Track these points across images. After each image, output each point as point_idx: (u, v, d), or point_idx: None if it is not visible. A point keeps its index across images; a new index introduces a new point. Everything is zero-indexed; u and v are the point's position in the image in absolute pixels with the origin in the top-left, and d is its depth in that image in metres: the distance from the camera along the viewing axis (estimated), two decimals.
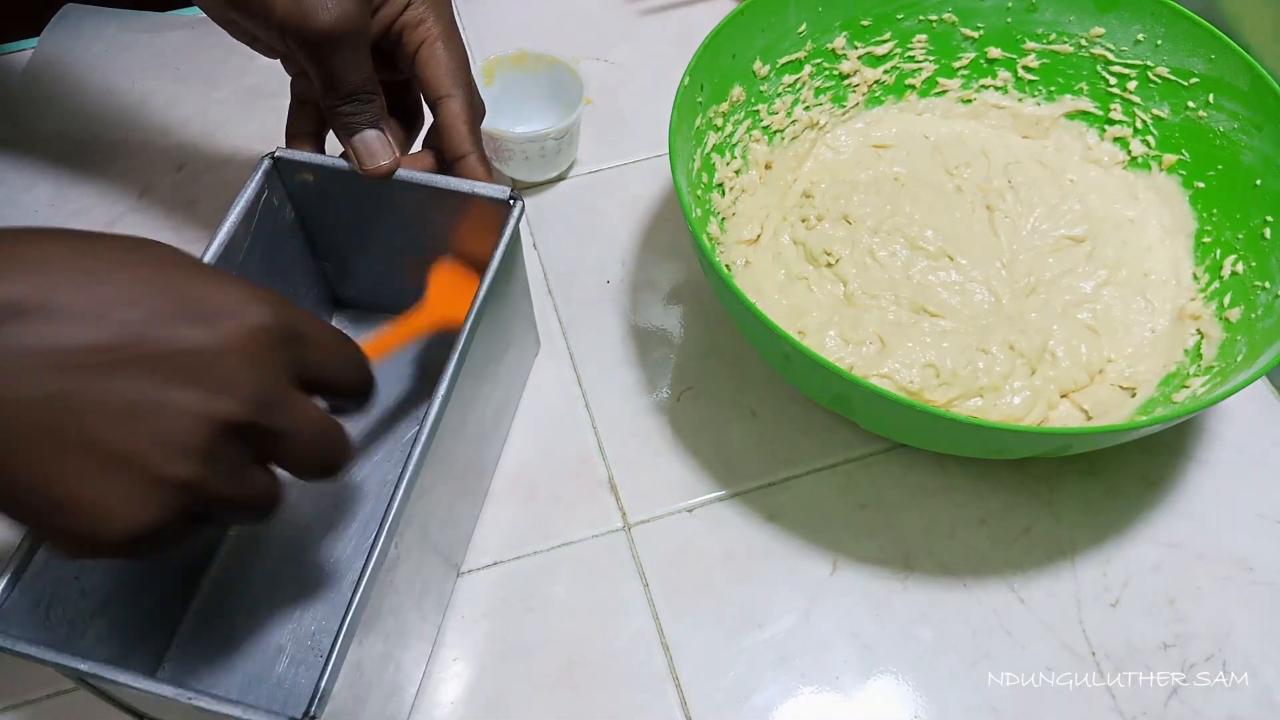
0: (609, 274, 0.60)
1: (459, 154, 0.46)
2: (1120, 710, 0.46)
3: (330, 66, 0.42)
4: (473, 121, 0.46)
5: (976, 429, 0.43)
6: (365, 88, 0.44)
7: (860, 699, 0.46)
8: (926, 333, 0.52)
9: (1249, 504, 0.52)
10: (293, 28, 0.41)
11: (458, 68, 0.45)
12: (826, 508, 0.51)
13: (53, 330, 0.28)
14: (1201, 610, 0.48)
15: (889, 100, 0.62)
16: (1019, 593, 0.49)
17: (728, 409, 0.54)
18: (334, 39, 0.41)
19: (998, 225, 0.57)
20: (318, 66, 0.42)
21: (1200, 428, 0.54)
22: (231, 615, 0.47)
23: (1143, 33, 0.56)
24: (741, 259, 0.56)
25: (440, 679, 0.46)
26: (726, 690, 0.46)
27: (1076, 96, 0.60)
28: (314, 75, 0.43)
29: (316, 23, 0.40)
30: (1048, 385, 0.51)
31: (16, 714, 0.46)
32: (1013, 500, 0.51)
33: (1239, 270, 0.52)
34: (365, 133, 0.44)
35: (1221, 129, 0.54)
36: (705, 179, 0.54)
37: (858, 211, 0.57)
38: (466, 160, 0.46)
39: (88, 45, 0.69)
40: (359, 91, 0.43)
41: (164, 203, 0.62)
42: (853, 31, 0.59)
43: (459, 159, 0.46)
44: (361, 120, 0.44)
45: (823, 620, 0.48)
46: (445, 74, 0.45)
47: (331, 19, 0.41)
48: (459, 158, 0.46)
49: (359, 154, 0.45)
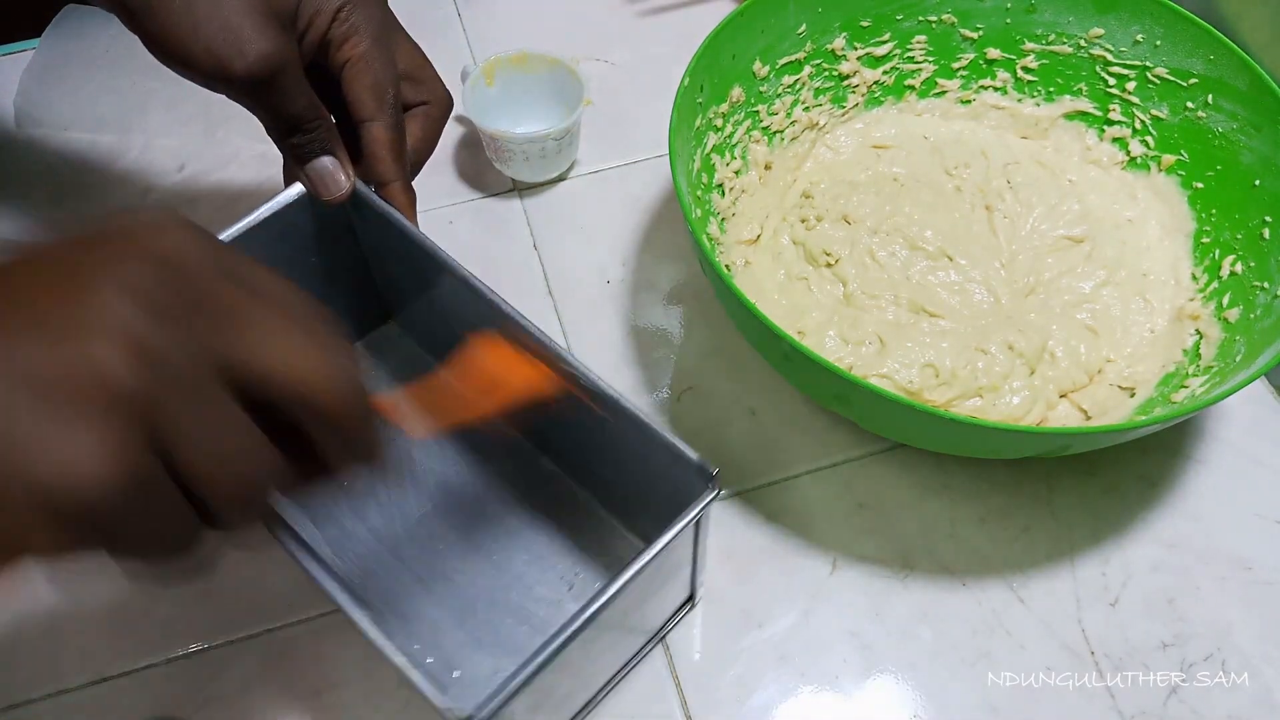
0: (609, 274, 0.60)
1: (381, 181, 0.44)
2: (1119, 710, 0.46)
3: (266, 105, 0.41)
4: (396, 145, 0.44)
5: (976, 429, 0.43)
6: (307, 116, 0.42)
7: (860, 698, 0.46)
8: (926, 333, 0.52)
9: (1248, 504, 0.52)
10: (217, 77, 0.40)
11: (381, 87, 0.43)
12: (826, 508, 0.51)
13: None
14: (1201, 610, 0.48)
15: (888, 101, 0.62)
16: (1018, 592, 0.49)
17: (728, 409, 0.55)
18: (259, 81, 0.40)
19: (997, 225, 0.57)
20: (254, 108, 0.41)
21: (1199, 428, 0.54)
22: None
23: (1142, 33, 0.57)
24: (741, 259, 0.56)
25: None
26: (726, 690, 0.46)
27: (1075, 97, 0.60)
28: (255, 114, 0.42)
29: (236, 69, 0.39)
30: (1047, 385, 0.51)
31: (16, 714, 0.46)
32: (1012, 500, 0.52)
33: (1238, 270, 0.52)
34: (316, 161, 0.43)
35: (1220, 129, 0.55)
36: (705, 179, 0.54)
37: (857, 212, 0.57)
38: (389, 189, 0.44)
39: (89, 45, 0.70)
40: (302, 122, 0.42)
41: (165, 203, 0.63)
42: (852, 32, 0.59)
43: (381, 186, 0.44)
44: (312, 149, 0.43)
45: (822, 620, 0.48)
46: (368, 96, 0.43)
47: (248, 64, 0.39)
48: (381, 185, 0.44)
49: (313, 184, 0.43)
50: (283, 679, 0.46)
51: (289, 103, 0.41)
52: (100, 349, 0.23)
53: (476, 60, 0.71)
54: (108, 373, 0.23)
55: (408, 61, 0.46)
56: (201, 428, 0.25)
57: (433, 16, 0.75)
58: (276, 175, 0.47)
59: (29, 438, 0.23)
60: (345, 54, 0.43)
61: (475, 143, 0.67)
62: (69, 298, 0.24)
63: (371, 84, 0.43)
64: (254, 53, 0.39)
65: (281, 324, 0.27)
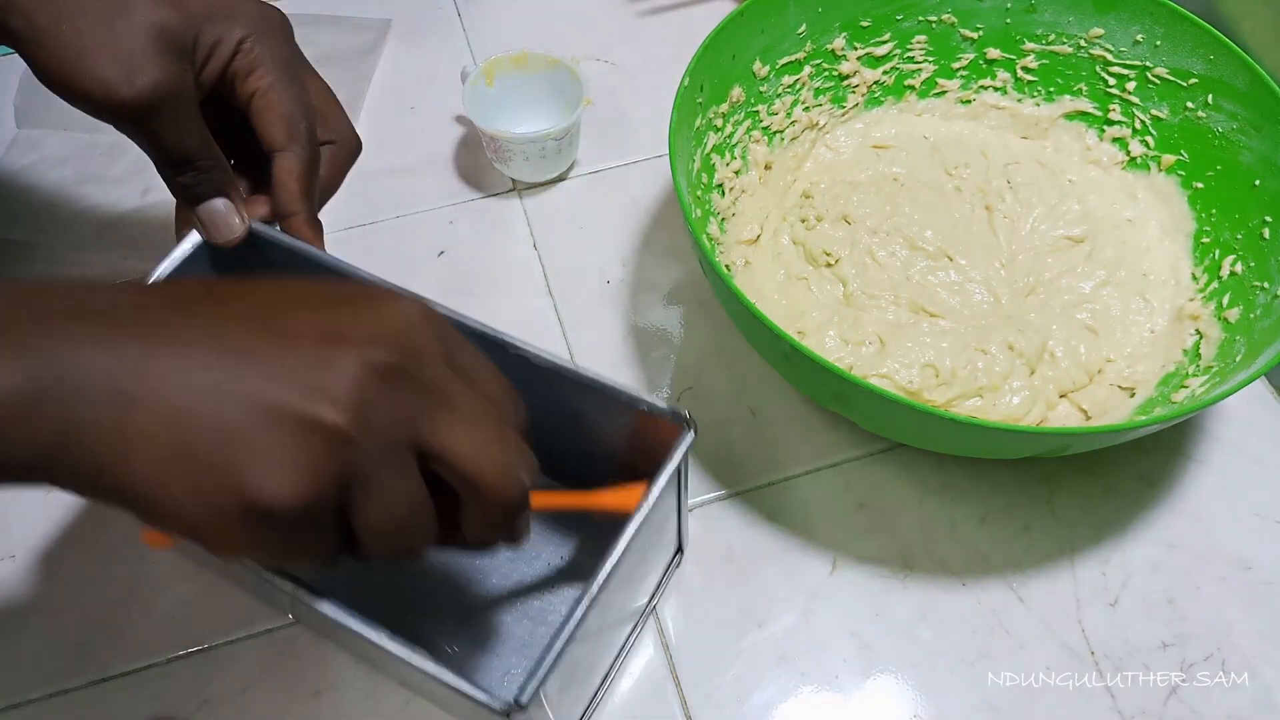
0: (609, 274, 0.60)
1: (285, 213, 0.43)
2: (1119, 710, 0.46)
3: (154, 139, 0.39)
4: (305, 177, 0.42)
5: (976, 429, 0.43)
6: (200, 154, 0.40)
7: (860, 698, 0.46)
8: (926, 333, 0.52)
9: (1248, 504, 0.52)
10: (102, 104, 0.38)
11: (292, 118, 0.42)
12: (826, 507, 0.51)
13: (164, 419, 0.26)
14: (1200, 610, 0.48)
15: (888, 101, 0.62)
16: (1018, 592, 0.49)
17: (728, 409, 0.55)
18: (148, 111, 0.38)
19: (997, 225, 0.57)
20: (141, 140, 0.40)
21: (1199, 427, 0.54)
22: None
23: (1142, 33, 0.57)
24: (741, 259, 0.56)
25: None
26: (726, 690, 0.46)
27: (1075, 97, 0.60)
28: (143, 148, 0.40)
29: (123, 96, 0.37)
30: (1047, 385, 0.51)
31: (17, 714, 0.46)
32: (1012, 500, 0.52)
33: (1238, 270, 0.52)
34: (209, 203, 0.42)
35: (1220, 129, 0.55)
36: (705, 179, 0.54)
37: (857, 212, 0.57)
38: (292, 220, 0.43)
39: None
40: (194, 158, 0.40)
41: (164, 203, 0.62)
42: (852, 32, 0.59)
43: (285, 218, 0.43)
44: (205, 190, 0.41)
45: (822, 620, 0.48)
46: (277, 126, 0.41)
47: (135, 92, 0.37)
48: (285, 217, 0.43)
49: (205, 226, 0.42)
50: (283, 679, 0.46)
51: (180, 137, 0.40)
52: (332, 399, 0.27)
53: (476, 60, 0.72)
54: (331, 419, 0.27)
55: (317, 99, 0.45)
56: (386, 488, 0.29)
57: (433, 16, 0.75)
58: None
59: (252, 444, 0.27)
60: (251, 85, 0.41)
61: (475, 143, 0.67)
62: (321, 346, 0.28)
63: (283, 114, 0.41)
64: (143, 80, 0.37)
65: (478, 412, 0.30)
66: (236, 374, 0.27)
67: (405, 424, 0.29)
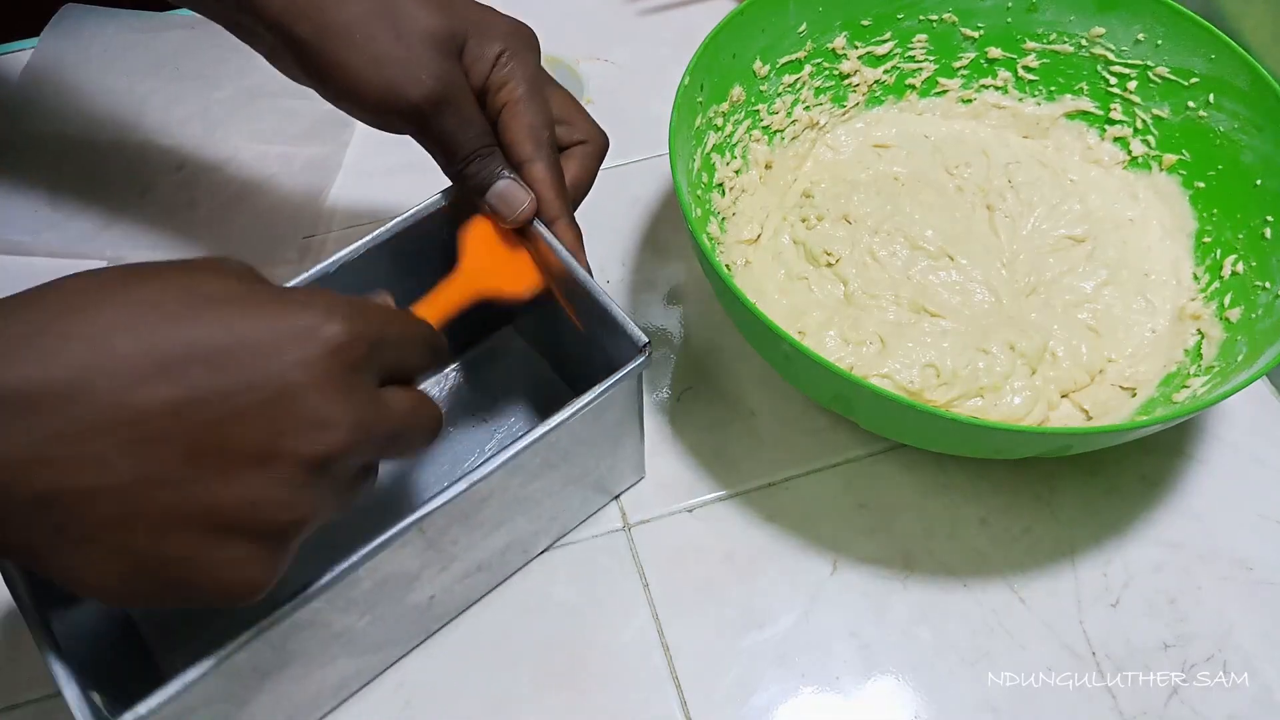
0: (609, 274, 0.60)
1: (548, 219, 0.44)
2: (1120, 710, 0.46)
3: (442, 135, 0.42)
4: (556, 183, 0.44)
5: (976, 429, 0.43)
6: (483, 143, 0.43)
7: (860, 699, 0.46)
8: (926, 333, 0.52)
9: (1249, 504, 0.52)
10: (392, 108, 0.40)
11: (538, 129, 0.44)
12: (826, 508, 0.51)
13: (114, 406, 0.27)
14: (1202, 610, 0.48)
15: (889, 100, 0.62)
16: (1019, 593, 0.49)
17: (728, 409, 0.54)
18: (435, 111, 0.41)
19: (998, 225, 0.57)
20: (429, 138, 0.42)
21: (1200, 427, 0.54)
22: None
23: (1143, 32, 0.56)
24: (741, 259, 0.56)
25: (439, 677, 0.46)
26: (726, 690, 0.46)
27: (1077, 96, 0.60)
28: (427, 147, 0.43)
29: (411, 98, 0.40)
30: (1048, 385, 0.51)
31: (17, 714, 0.46)
32: (1013, 500, 0.51)
33: (1239, 270, 0.52)
34: (497, 184, 0.43)
35: (1222, 129, 0.54)
36: (705, 179, 0.54)
37: (858, 211, 0.57)
38: (555, 225, 0.44)
39: (87, 45, 0.69)
40: (478, 150, 0.43)
41: (164, 203, 0.62)
42: (853, 31, 0.59)
43: (549, 224, 0.45)
44: (489, 176, 0.43)
45: (823, 620, 0.48)
46: (525, 138, 0.43)
47: (425, 93, 0.40)
48: (548, 223, 0.45)
49: (498, 209, 0.43)
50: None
51: (466, 129, 0.42)
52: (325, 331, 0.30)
53: None
54: (344, 344, 0.31)
55: (561, 107, 0.46)
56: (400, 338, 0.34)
57: None
58: (275, 175, 0.47)
59: (305, 400, 0.29)
60: (502, 99, 0.43)
61: None
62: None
63: (528, 126, 0.43)
64: (430, 82, 0.40)
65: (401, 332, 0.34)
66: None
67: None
